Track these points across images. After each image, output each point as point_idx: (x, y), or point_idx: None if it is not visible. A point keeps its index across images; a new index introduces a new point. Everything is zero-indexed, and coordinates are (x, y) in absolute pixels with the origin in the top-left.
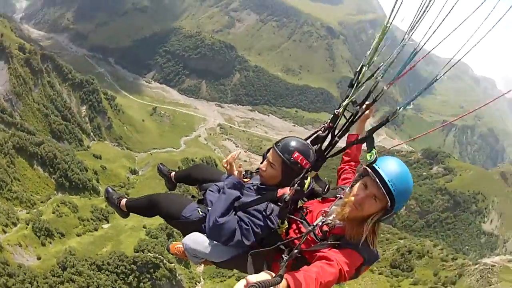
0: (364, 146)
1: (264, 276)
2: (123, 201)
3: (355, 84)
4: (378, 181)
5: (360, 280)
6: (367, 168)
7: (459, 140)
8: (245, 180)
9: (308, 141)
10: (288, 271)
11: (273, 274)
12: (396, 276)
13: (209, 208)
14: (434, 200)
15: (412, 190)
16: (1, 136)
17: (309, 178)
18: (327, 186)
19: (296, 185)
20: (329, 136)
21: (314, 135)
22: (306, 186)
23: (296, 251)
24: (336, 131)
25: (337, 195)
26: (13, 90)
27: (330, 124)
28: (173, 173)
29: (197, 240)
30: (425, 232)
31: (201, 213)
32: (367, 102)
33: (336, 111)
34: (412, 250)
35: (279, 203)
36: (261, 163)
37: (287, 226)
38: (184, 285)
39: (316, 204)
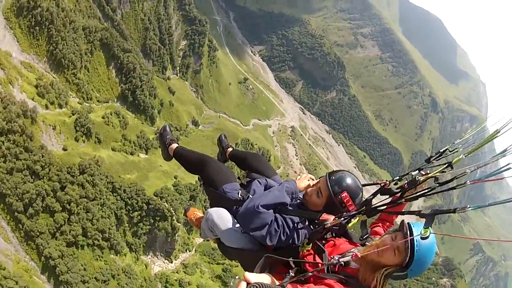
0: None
1: (264, 278)
2: (174, 145)
3: (450, 164)
4: (408, 236)
5: None
6: (405, 223)
7: (478, 268)
8: None
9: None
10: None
11: (274, 279)
12: None
13: (250, 195)
14: None
15: (429, 266)
16: (94, 24)
17: (357, 219)
18: (367, 235)
19: (343, 219)
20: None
21: (376, 186)
22: (351, 224)
23: (302, 274)
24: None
25: (366, 243)
26: None
27: (405, 185)
28: (230, 149)
29: (222, 216)
30: None
31: (240, 196)
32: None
33: (418, 177)
34: None
35: (311, 225)
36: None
37: (309, 248)
38: (175, 246)
39: (343, 242)
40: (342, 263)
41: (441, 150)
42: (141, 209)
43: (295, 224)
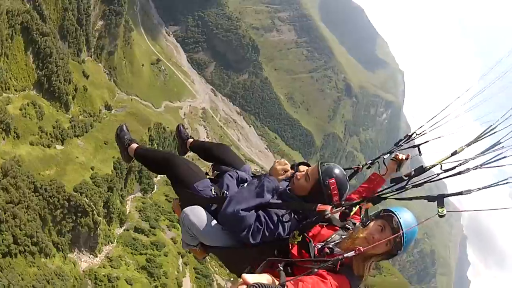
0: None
1: (263, 278)
2: (134, 145)
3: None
4: (401, 231)
5: None
6: (393, 216)
7: None
8: None
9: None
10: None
11: (273, 278)
12: None
13: (225, 191)
14: None
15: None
16: (17, 7)
17: (357, 207)
18: (368, 222)
19: (344, 208)
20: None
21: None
22: (352, 213)
23: (288, 267)
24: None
25: (347, 226)
26: None
27: (412, 172)
28: (191, 140)
29: (198, 214)
30: None
31: (213, 193)
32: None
33: (425, 166)
34: None
35: (296, 216)
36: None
37: (300, 240)
38: (98, 240)
39: (321, 229)
40: (328, 251)
41: (409, 134)
42: (63, 207)
43: (280, 217)
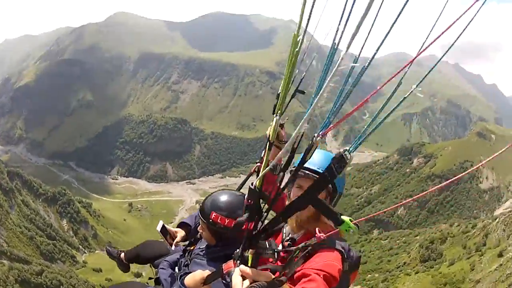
0: None
1: (262, 275)
2: (122, 254)
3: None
4: (311, 175)
5: (402, 285)
6: (296, 170)
7: (424, 125)
8: (191, 248)
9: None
10: None
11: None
12: (431, 267)
13: None
14: (427, 188)
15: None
16: (1, 272)
17: (250, 255)
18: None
19: (237, 260)
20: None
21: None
22: (250, 262)
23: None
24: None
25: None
26: None
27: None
28: (122, 254)
29: None
30: (433, 219)
31: None
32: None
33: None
34: (433, 240)
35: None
36: None
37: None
38: None
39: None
40: (290, 242)
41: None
42: None
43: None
